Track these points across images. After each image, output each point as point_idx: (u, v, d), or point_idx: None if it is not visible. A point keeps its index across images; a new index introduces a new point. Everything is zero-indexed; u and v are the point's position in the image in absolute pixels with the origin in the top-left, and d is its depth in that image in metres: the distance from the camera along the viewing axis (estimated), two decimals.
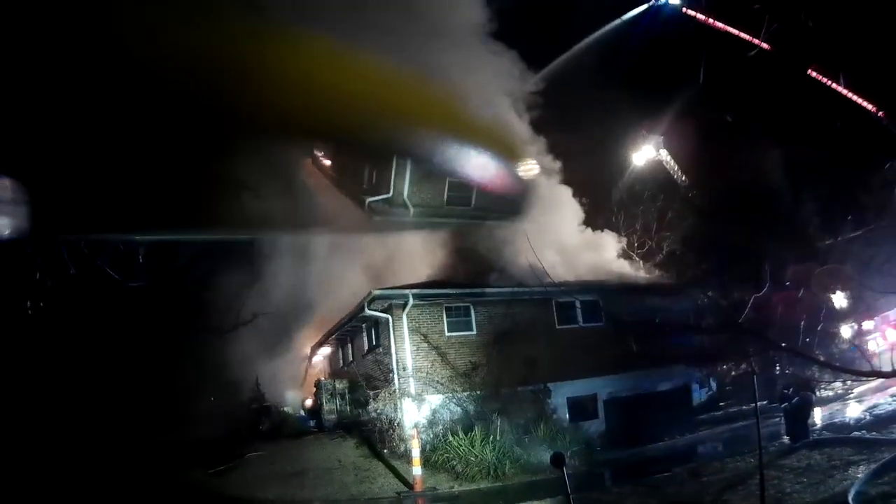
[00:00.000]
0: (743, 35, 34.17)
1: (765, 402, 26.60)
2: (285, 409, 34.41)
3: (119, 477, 23.29)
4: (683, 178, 42.45)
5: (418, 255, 34.36)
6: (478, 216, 34.53)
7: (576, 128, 38.02)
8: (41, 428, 27.87)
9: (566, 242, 34.21)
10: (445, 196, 35.75)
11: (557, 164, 36.70)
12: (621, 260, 37.16)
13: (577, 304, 29.92)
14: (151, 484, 23.16)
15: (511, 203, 34.37)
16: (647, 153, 42.84)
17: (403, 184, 34.59)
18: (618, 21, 39.93)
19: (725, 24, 35.59)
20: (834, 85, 31.67)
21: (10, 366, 30.08)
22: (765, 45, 32.32)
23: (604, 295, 30.57)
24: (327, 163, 37.55)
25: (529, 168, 31.24)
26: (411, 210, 35.44)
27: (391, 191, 34.87)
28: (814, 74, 31.49)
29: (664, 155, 43.01)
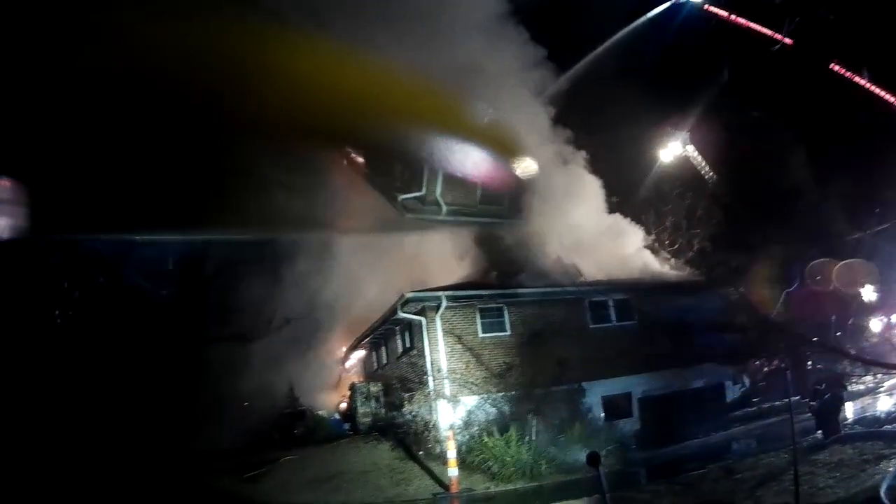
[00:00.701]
0: (765, 31, 34.16)
1: (797, 398, 26.69)
2: (319, 412, 34.45)
3: (148, 485, 23.55)
4: (711, 174, 42.41)
5: (451, 255, 34.49)
6: (510, 215, 34.77)
7: (601, 128, 38.20)
8: (72, 436, 28.29)
9: (597, 242, 34.30)
10: (478, 195, 35.99)
11: (584, 162, 36.94)
12: (652, 258, 37.23)
13: (610, 303, 30.04)
14: (180, 492, 23.43)
15: (517, 201, 34.70)
16: (673, 150, 42.80)
17: (436, 182, 34.80)
18: (640, 20, 40.00)
19: (747, 20, 35.56)
20: (856, 78, 31.60)
21: (40, 374, 30.58)
22: (787, 41, 32.30)
23: (636, 293, 30.69)
24: (360, 160, 37.79)
25: (527, 167, 31.49)
26: (444, 208, 35.59)
27: (423, 188, 35.18)
28: (836, 68, 31.42)
29: (691, 151, 42.96)
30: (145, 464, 26.12)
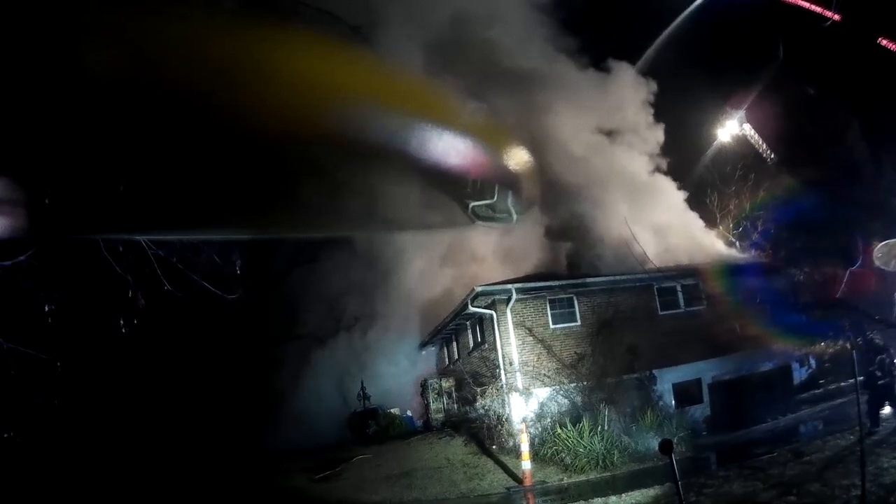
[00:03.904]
0: (814, 8, 33.96)
1: (863, 378, 26.69)
2: (392, 410, 34.66)
3: (221, 487, 24.12)
4: (771, 153, 42.26)
5: (519, 248, 34.69)
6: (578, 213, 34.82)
7: (660, 111, 38.32)
8: (148, 442, 29.10)
9: (664, 226, 34.30)
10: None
11: (649, 147, 37.10)
12: (718, 240, 37.17)
13: (679, 289, 30.09)
14: (253, 492, 23.94)
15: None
16: (731, 129, 42.73)
17: (508, 190, 35.11)
18: (694, 5, 40.01)
19: None
20: None
21: (115, 384, 31.45)
22: (836, 17, 32.12)
23: (704, 278, 30.59)
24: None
25: (522, 159, 31.86)
26: (515, 217, 35.89)
27: (495, 196, 35.36)
28: (884, 43, 31.21)
29: (748, 129, 42.84)
30: (220, 465, 26.80)
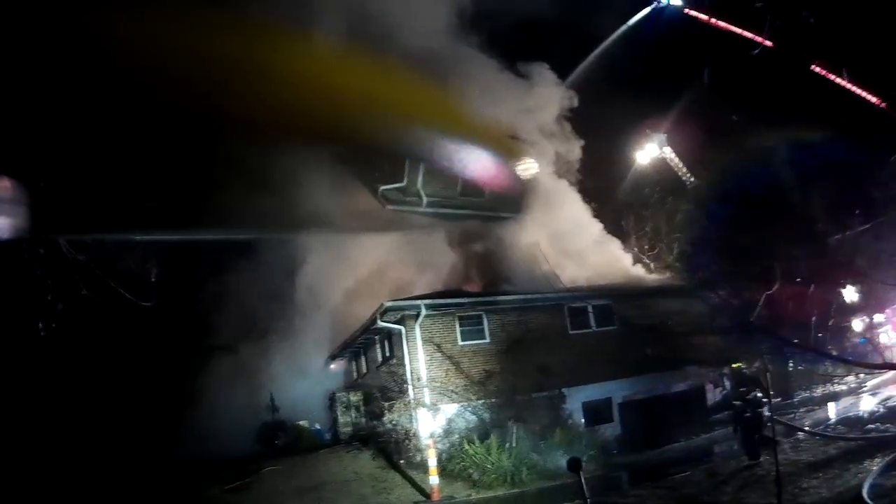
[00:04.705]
0: (746, 33, 34.26)
1: (779, 399, 26.64)
2: (301, 423, 34.20)
3: (134, 496, 23.46)
4: (690, 177, 42.56)
5: (431, 257, 34.50)
6: (491, 208, 34.83)
7: (579, 131, 38.37)
8: (54, 448, 28.12)
9: (577, 246, 34.46)
10: (459, 188, 36.07)
11: (567, 167, 37.15)
12: (632, 262, 37.33)
13: (590, 309, 29.97)
14: (166, 502, 23.55)
15: (516, 201, 34.81)
16: (650, 151, 43.00)
17: (418, 173, 35.04)
18: (623, 27, 40.22)
19: (728, 23, 35.68)
20: (837, 80, 31.72)
21: (24, 387, 30.32)
22: (767, 43, 32.35)
23: (616, 298, 30.78)
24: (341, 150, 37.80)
25: (528, 167, 31.51)
26: (424, 200, 35.77)
27: (405, 179, 35.34)
28: (817, 70, 31.55)
29: (668, 153, 43.12)
30: (131, 474, 26.02)
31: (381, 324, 27.54)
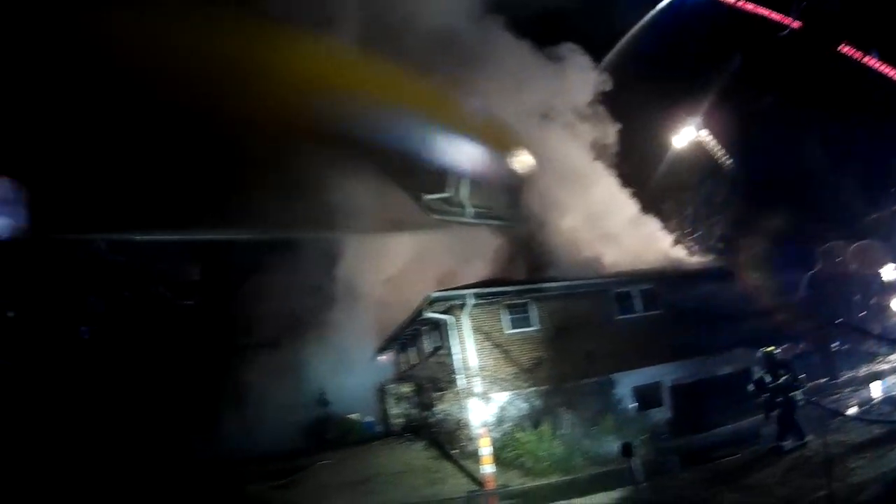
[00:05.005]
0: (773, 15, 34.18)
1: (825, 380, 26.76)
2: (351, 416, 34.60)
3: (180, 495, 23.90)
4: (727, 159, 42.50)
5: (477, 252, 34.67)
6: (532, 215, 34.85)
7: (616, 118, 38.45)
8: (102, 447, 28.70)
9: (620, 232, 34.44)
10: (502, 197, 36.14)
11: (603, 151, 37.27)
12: (675, 246, 37.35)
13: (635, 294, 30.24)
14: (211, 501, 23.87)
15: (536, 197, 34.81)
16: (687, 135, 42.93)
17: (462, 184, 34.98)
18: (652, 12, 40.22)
19: (755, 5, 35.61)
20: (866, 59, 31.61)
21: (71, 389, 31.00)
22: (795, 24, 32.28)
23: (661, 283, 30.87)
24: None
25: (523, 161, 31.61)
26: (469, 210, 35.85)
27: (450, 190, 35.54)
28: (846, 51, 31.48)
29: (705, 136, 43.06)
30: (178, 472, 26.45)
31: (428, 314, 27.85)
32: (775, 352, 19.64)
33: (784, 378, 18.68)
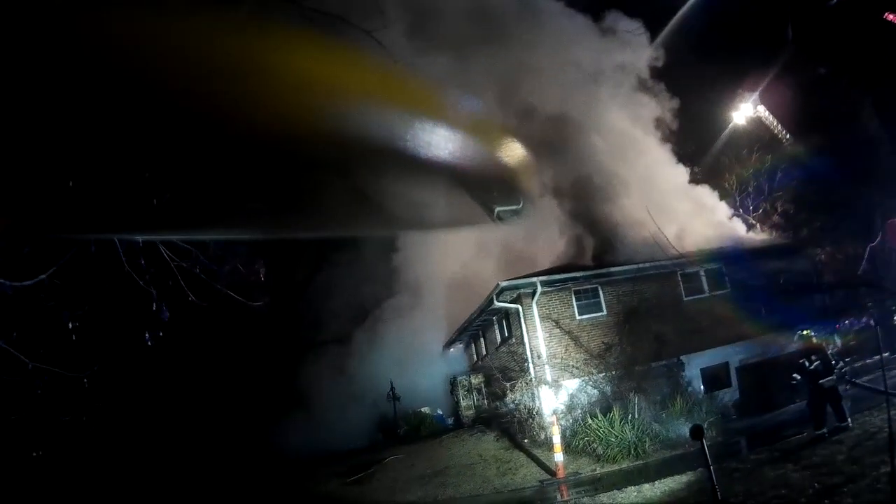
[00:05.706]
0: None
1: (887, 354, 26.61)
2: (422, 409, 34.97)
3: (254, 494, 24.60)
4: (786, 134, 42.25)
5: (543, 241, 34.73)
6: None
7: (673, 96, 38.46)
8: (180, 453, 29.50)
9: (684, 212, 34.37)
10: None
11: (661, 125, 37.25)
12: (738, 224, 37.22)
13: (702, 274, 30.32)
14: (285, 499, 24.49)
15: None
16: (745, 111, 42.73)
17: (533, 196, 35.09)
18: None
19: None
20: None
21: (143, 397, 31.84)
22: None
23: (727, 262, 30.66)
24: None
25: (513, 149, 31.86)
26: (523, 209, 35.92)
27: (521, 202, 35.59)
28: (890, 17, 31.11)
29: (763, 111, 42.84)
30: (252, 472, 27.15)
31: (497, 304, 28.24)
32: (812, 335, 19.53)
33: (815, 364, 18.58)
